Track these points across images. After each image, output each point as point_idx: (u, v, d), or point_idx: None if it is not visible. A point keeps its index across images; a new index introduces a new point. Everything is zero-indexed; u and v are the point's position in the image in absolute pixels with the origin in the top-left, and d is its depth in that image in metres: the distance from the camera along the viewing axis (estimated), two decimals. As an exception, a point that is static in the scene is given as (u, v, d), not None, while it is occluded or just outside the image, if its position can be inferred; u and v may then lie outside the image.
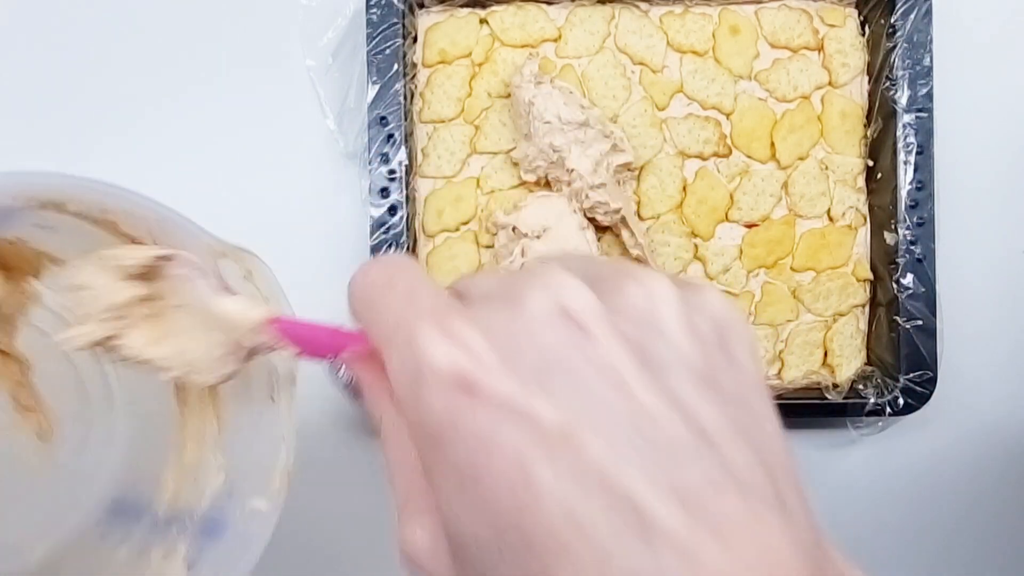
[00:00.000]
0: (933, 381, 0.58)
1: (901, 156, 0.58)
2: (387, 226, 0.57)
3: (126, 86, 0.61)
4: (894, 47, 0.58)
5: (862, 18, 0.61)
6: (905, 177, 0.58)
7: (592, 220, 0.58)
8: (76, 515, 0.47)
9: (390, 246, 0.57)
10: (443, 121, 0.60)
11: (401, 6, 0.57)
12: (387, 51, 0.57)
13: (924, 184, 0.58)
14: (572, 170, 0.56)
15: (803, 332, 0.60)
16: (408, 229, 0.57)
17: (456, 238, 0.60)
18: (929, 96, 0.58)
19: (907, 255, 0.58)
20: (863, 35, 0.61)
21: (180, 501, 0.45)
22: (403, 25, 0.57)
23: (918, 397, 0.58)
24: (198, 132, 0.61)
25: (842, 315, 0.61)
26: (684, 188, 0.60)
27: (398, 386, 0.24)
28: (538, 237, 0.57)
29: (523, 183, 0.59)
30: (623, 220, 0.57)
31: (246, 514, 0.40)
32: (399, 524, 0.25)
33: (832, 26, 0.60)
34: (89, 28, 0.61)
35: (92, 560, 0.45)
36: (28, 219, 0.39)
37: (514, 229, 0.57)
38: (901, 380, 0.58)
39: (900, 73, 0.58)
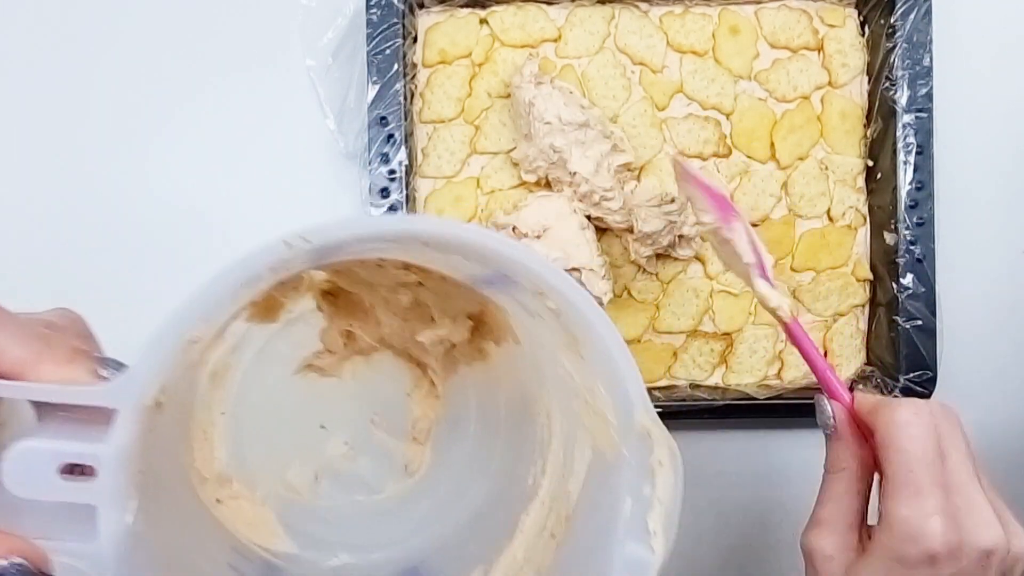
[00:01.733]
0: (933, 381, 0.58)
1: (901, 156, 0.58)
2: (387, 226, 0.57)
3: (126, 87, 0.61)
4: (894, 47, 0.58)
5: (862, 18, 0.61)
6: (905, 177, 0.58)
7: (597, 219, 0.58)
8: (381, 555, 0.48)
9: (390, 246, 0.57)
10: (443, 121, 0.60)
11: (401, 6, 0.57)
12: (387, 51, 0.57)
13: (924, 184, 0.58)
14: (575, 172, 0.56)
15: (803, 332, 0.61)
16: (408, 229, 0.57)
17: (456, 238, 0.60)
18: (929, 96, 0.58)
19: (907, 255, 0.58)
20: (863, 35, 0.61)
21: None
22: (403, 25, 0.57)
23: (918, 397, 0.58)
24: (198, 132, 0.61)
25: (842, 315, 0.61)
26: (684, 188, 0.60)
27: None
28: (538, 237, 0.57)
29: (523, 183, 0.59)
30: (631, 228, 0.57)
31: None
32: (812, 528, 0.41)
33: (832, 26, 0.60)
34: (88, 29, 0.61)
35: None
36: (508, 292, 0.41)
37: (514, 229, 0.57)
38: (901, 380, 0.58)
39: (900, 73, 0.58)
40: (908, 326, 0.58)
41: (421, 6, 0.60)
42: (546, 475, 0.46)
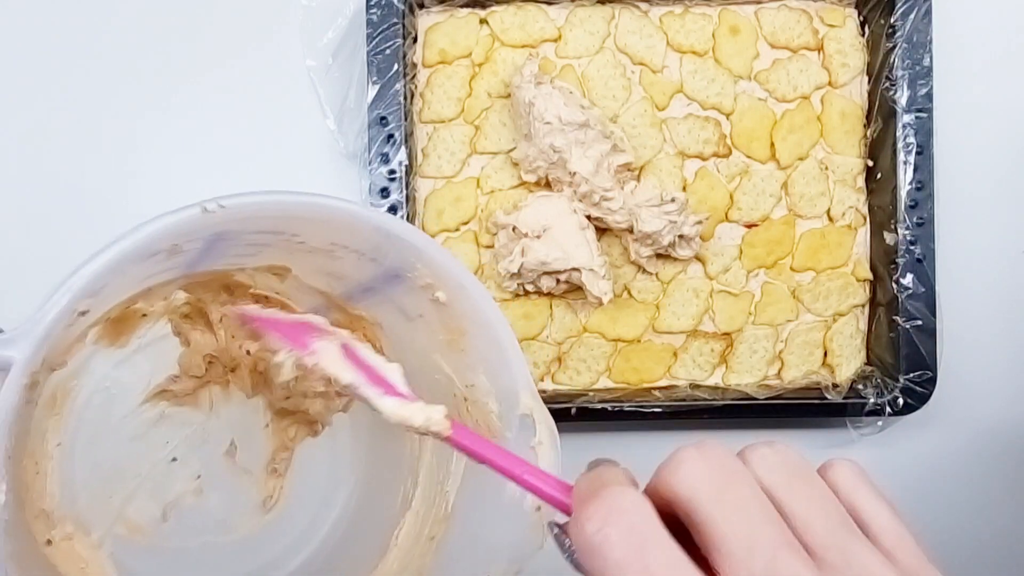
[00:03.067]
0: (933, 381, 0.58)
1: (901, 156, 0.58)
2: (387, 226, 0.57)
3: (126, 87, 0.61)
4: (894, 47, 0.58)
5: (862, 18, 0.61)
6: (905, 177, 0.58)
7: (597, 220, 0.58)
8: None
9: (390, 246, 0.57)
10: (443, 121, 0.60)
11: (401, 6, 0.57)
12: (387, 51, 0.57)
13: (924, 184, 0.58)
14: (575, 173, 0.56)
15: (803, 332, 0.61)
16: (408, 229, 0.57)
17: (456, 238, 0.60)
18: (929, 96, 0.58)
19: (907, 255, 0.58)
20: (863, 35, 0.61)
21: None
22: (403, 25, 0.57)
23: (918, 397, 0.58)
24: (198, 132, 0.61)
25: (842, 315, 0.61)
26: (684, 188, 0.60)
27: None
28: (538, 237, 0.57)
29: (523, 183, 0.59)
30: (631, 228, 0.57)
31: None
32: None
33: (832, 26, 0.60)
34: (88, 32, 0.61)
35: None
36: (389, 292, 0.41)
37: (514, 229, 0.57)
38: (901, 380, 0.58)
39: (900, 73, 0.58)
40: (908, 326, 0.58)
41: (421, 6, 0.60)
42: (419, 486, 0.46)
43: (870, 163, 0.60)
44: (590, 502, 0.26)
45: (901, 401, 0.58)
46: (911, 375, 0.58)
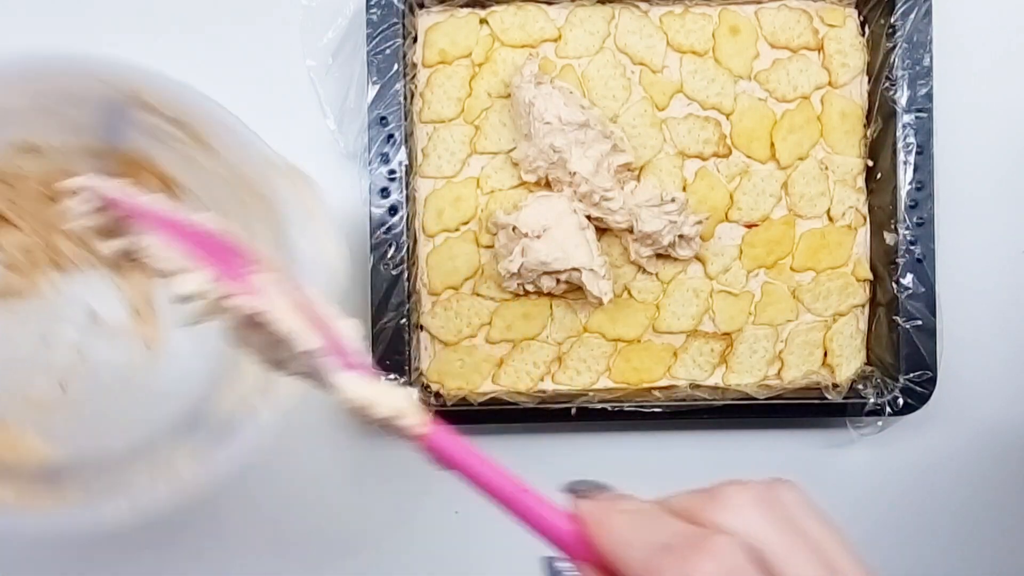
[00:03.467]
0: (933, 381, 0.58)
1: (901, 156, 0.58)
2: (387, 226, 0.57)
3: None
4: (894, 47, 0.58)
5: (862, 18, 0.61)
6: (905, 177, 0.58)
7: (597, 220, 0.58)
8: (163, 422, 0.49)
9: (390, 246, 0.57)
10: (443, 121, 0.60)
11: (401, 6, 0.57)
12: (387, 51, 0.57)
13: (924, 184, 0.58)
14: (575, 172, 0.56)
15: (803, 332, 0.61)
16: (408, 229, 0.57)
17: (456, 238, 0.60)
18: (929, 96, 0.58)
19: (907, 255, 0.58)
20: (863, 35, 0.61)
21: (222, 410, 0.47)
22: (403, 25, 0.57)
23: (918, 397, 0.58)
24: (198, 132, 0.61)
25: (842, 315, 0.61)
26: (684, 188, 0.60)
27: None
28: (538, 237, 0.57)
29: (523, 183, 0.59)
30: (631, 228, 0.57)
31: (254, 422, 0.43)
32: None
33: (832, 26, 0.60)
34: (88, 32, 0.61)
35: (152, 458, 0.47)
36: (129, 123, 0.42)
37: (514, 229, 0.57)
38: (901, 380, 0.58)
39: (900, 73, 0.58)
40: (908, 326, 0.58)
41: (421, 6, 0.60)
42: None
43: (870, 163, 0.60)
44: (696, 555, 0.27)
45: (901, 401, 0.58)
46: (911, 375, 0.58)
